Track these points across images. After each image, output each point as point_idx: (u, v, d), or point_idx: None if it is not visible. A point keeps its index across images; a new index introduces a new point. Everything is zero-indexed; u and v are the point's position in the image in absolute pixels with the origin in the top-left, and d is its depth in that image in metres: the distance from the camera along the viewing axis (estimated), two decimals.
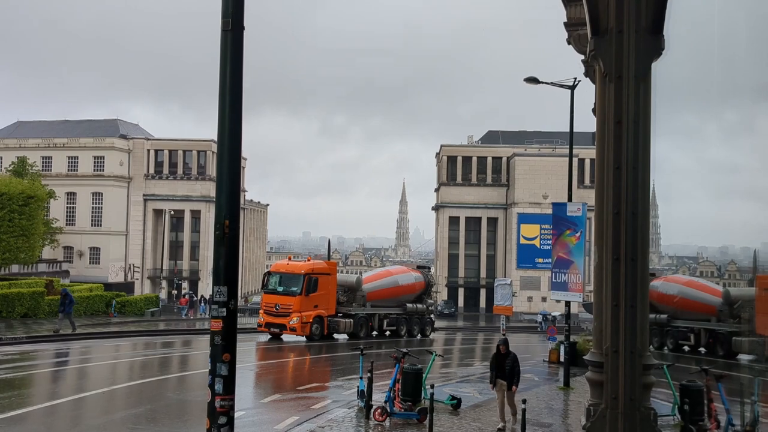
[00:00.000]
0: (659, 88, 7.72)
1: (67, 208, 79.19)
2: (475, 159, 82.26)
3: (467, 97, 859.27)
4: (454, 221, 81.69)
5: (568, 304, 23.03)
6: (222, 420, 6.03)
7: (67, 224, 77.71)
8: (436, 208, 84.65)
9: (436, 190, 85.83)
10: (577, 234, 19.73)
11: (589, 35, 7.67)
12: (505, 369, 13.71)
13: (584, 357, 8.75)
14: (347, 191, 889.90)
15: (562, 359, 23.56)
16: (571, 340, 23.63)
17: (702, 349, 35.48)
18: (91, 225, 79.99)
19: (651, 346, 28.92)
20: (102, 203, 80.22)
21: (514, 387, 13.69)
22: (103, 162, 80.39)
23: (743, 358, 31.62)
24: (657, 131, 7.61)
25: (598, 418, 7.33)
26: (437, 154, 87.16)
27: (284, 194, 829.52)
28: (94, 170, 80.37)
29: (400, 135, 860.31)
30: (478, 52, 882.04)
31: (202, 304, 59.03)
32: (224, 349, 6.08)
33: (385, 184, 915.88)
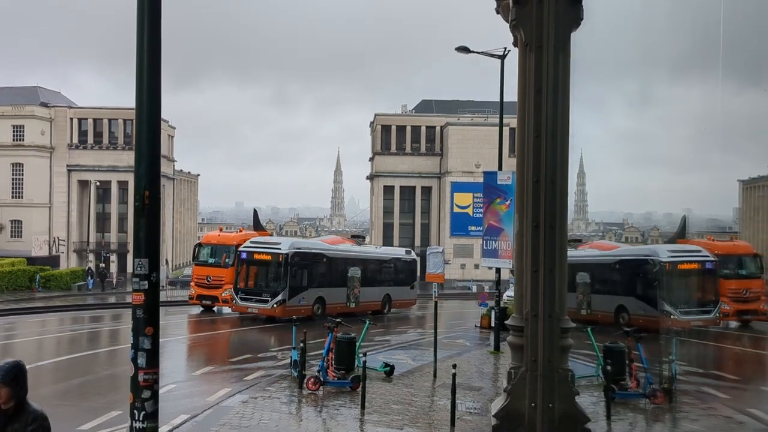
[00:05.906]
0: (578, 58, 7.87)
1: None
2: (409, 128, 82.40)
3: (423, 66, 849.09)
4: (388, 190, 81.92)
5: (498, 270, 23.57)
6: (146, 394, 5.94)
7: None
8: (371, 177, 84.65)
9: (371, 159, 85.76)
10: (507, 202, 20.07)
11: (511, 4, 7.74)
12: None
13: (505, 321, 8.98)
14: (291, 161, 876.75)
15: (493, 324, 24.14)
16: (502, 305, 24.23)
17: None
18: (12, 197, 76.64)
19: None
20: (23, 174, 76.84)
21: None
22: (23, 131, 76.78)
23: None
24: (577, 100, 7.78)
25: (519, 380, 7.56)
26: (371, 123, 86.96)
27: (227, 164, 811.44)
28: (14, 140, 76.72)
29: (352, 104, 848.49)
30: (436, 23, 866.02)
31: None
32: (147, 323, 5.96)
33: (328, 154, 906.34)
